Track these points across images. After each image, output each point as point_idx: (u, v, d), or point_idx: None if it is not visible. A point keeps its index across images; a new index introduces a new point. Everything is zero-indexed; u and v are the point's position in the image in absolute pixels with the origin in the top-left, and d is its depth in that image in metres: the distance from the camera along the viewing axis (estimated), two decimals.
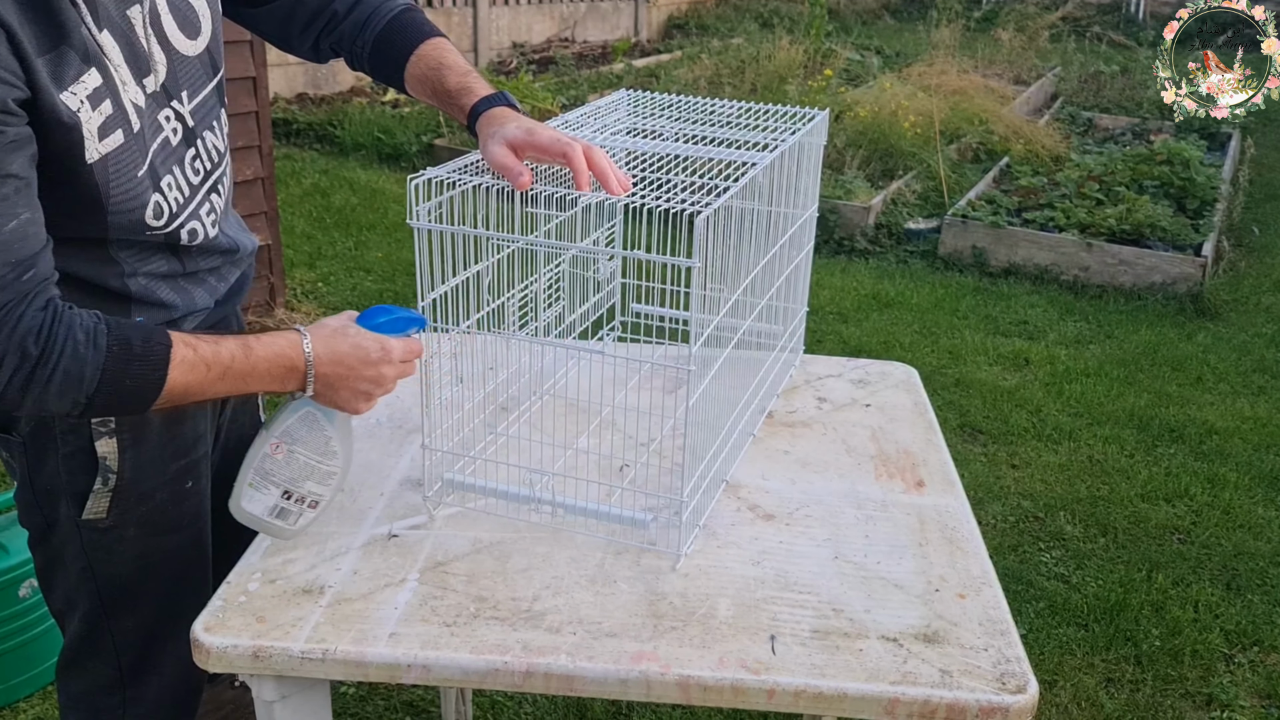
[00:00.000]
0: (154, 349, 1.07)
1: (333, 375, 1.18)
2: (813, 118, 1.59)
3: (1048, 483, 3.04)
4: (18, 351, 1.02)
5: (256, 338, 1.16)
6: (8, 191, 1.01)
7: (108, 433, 1.26)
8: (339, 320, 1.20)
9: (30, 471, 1.28)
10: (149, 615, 1.38)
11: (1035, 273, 4.72)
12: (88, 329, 1.05)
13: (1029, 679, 1.09)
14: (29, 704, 2.03)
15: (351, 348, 1.17)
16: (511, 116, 1.26)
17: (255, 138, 3.62)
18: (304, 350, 1.16)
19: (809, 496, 1.41)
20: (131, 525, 1.31)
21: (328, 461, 1.22)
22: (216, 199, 1.31)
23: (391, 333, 1.19)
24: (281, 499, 1.20)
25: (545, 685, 1.10)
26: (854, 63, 8.31)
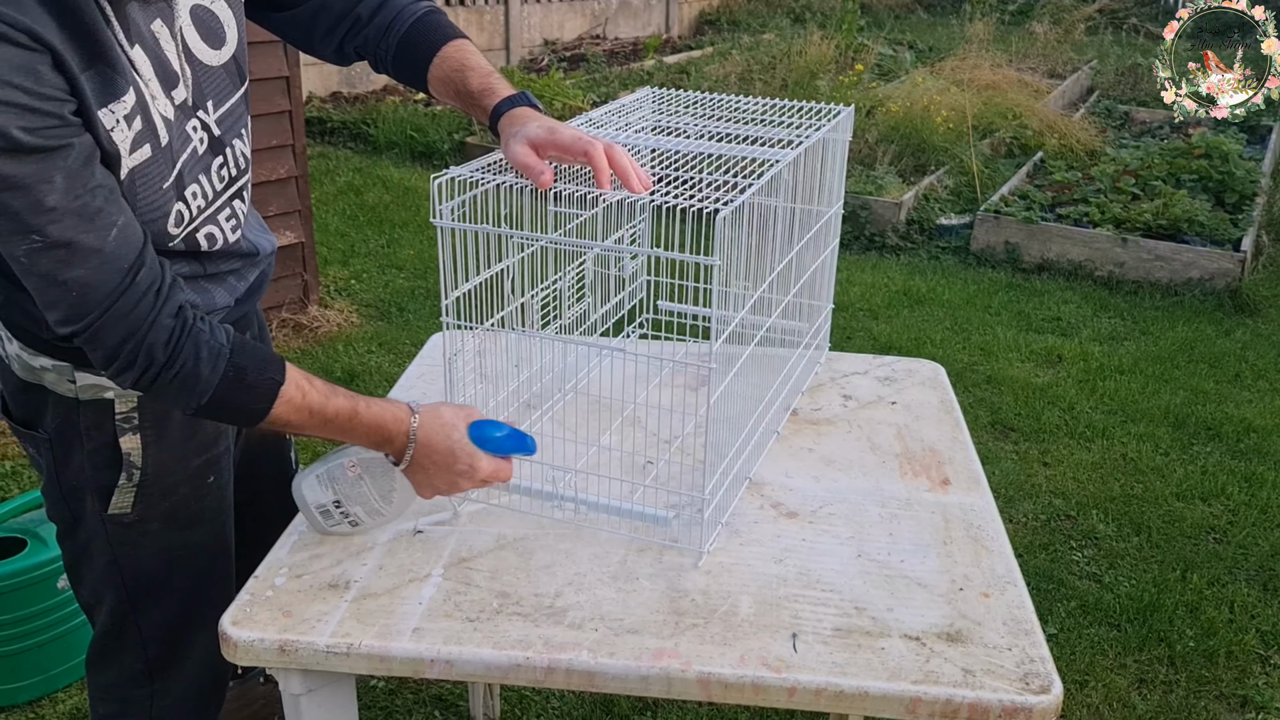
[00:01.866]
0: (265, 384, 1.15)
1: (419, 461, 1.24)
2: (837, 114, 1.58)
3: (1080, 481, 3.00)
4: (146, 356, 1.10)
5: (369, 402, 1.21)
6: (100, 202, 1.05)
7: (131, 429, 1.28)
8: (453, 415, 1.24)
9: (57, 467, 1.31)
10: (174, 608, 1.40)
11: (1069, 269, 4.67)
12: (212, 350, 1.13)
13: (1053, 679, 1.09)
14: (67, 694, 2.07)
15: (445, 451, 1.22)
16: (533, 116, 1.27)
17: (289, 137, 3.66)
18: (409, 431, 1.22)
19: (833, 494, 1.41)
20: (155, 520, 1.34)
21: (383, 504, 1.27)
22: (239, 205, 1.33)
23: (494, 450, 1.24)
24: (332, 505, 1.26)
25: (567, 681, 1.11)
26: (886, 57, 8.24)
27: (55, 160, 1.02)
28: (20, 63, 0.98)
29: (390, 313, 4.01)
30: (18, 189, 1.00)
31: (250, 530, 1.52)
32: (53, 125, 1.01)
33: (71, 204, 1.03)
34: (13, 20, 0.97)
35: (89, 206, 1.05)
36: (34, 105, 0.99)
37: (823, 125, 1.52)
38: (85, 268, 1.05)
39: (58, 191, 1.02)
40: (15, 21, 0.97)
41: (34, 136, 1.00)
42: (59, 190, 1.02)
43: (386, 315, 3.99)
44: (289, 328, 3.76)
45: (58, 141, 1.02)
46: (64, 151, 1.03)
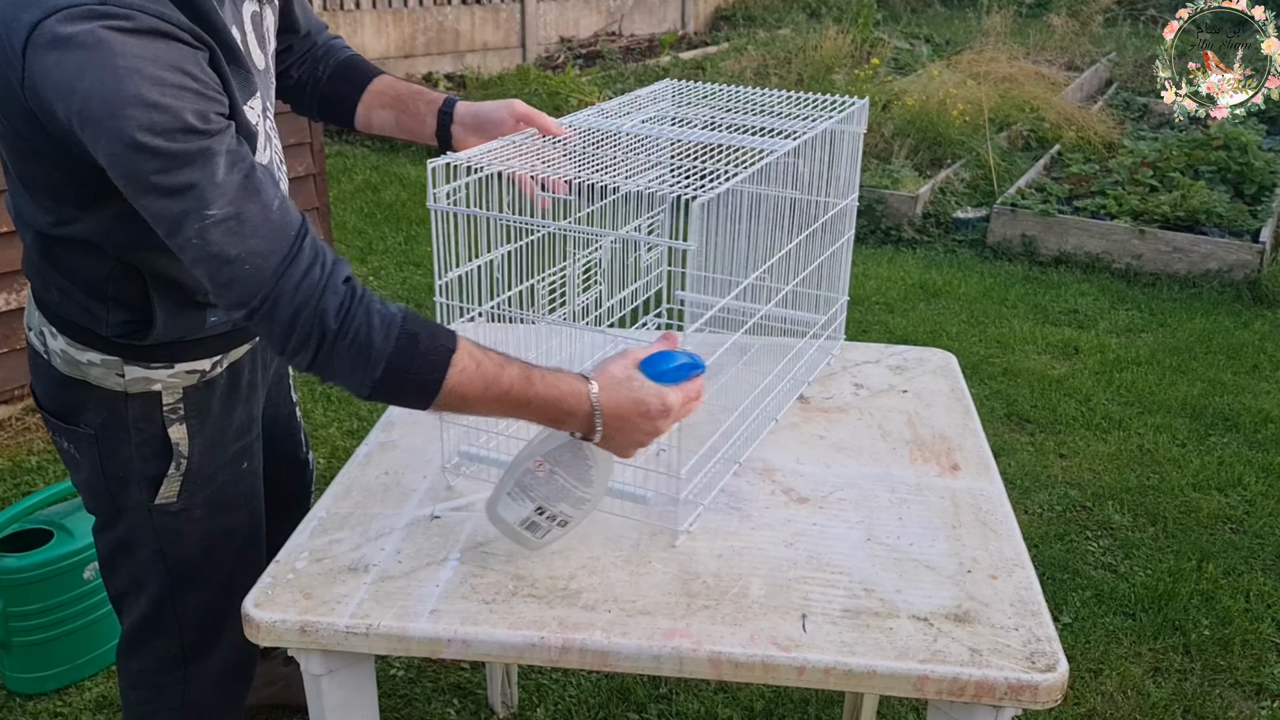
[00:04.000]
0: (439, 350, 1.10)
1: (612, 427, 1.16)
2: (848, 106, 1.60)
3: (1096, 472, 3.00)
4: (320, 325, 1.07)
5: (541, 373, 1.15)
6: (259, 177, 1.08)
7: (179, 419, 1.33)
8: (622, 368, 1.17)
9: (102, 460, 1.34)
10: (211, 593, 1.44)
11: (1086, 261, 4.66)
12: (384, 317, 1.09)
13: (1059, 658, 1.10)
14: (93, 682, 2.11)
15: (633, 402, 1.15)
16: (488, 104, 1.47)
17: (307, 135, 3.70)
18: (591, 402, 1.14)
19: (843, 480, 1.43)
20: (198, 507, 1.38)
21: (584, 489, 1.21)
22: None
23: (674, 381, 1.17)
24: (535, 513, 1.20)
25: (580, 661, 1.13)
26: (902, 51, 8.22)
27: (219, 140, 1.05)
28: (190, 56, 1.05)
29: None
30: (192, 165, 1.03)
31: (270, 513, 1.56)
32: (217, 111, 1.06)
33: (237, 179, 1.06)
34: (177, 20, 1.04)
35: (251, 181, 1.07)
36: (203, 92, 1.05)
37: (831, 116, 1.54)
38: (256, 238, 1.06)
39: (223, 168, 1.05)
40: (179, 22, 1.04)
41: (203, 121, 1.04)
42: (223, 166, 1.05)
43: None
44: None
45: (220, 126, 1.06)
46: (225, 133, 1.07)
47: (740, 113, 1.58)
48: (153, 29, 1.02)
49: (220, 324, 1.33)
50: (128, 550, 1.40)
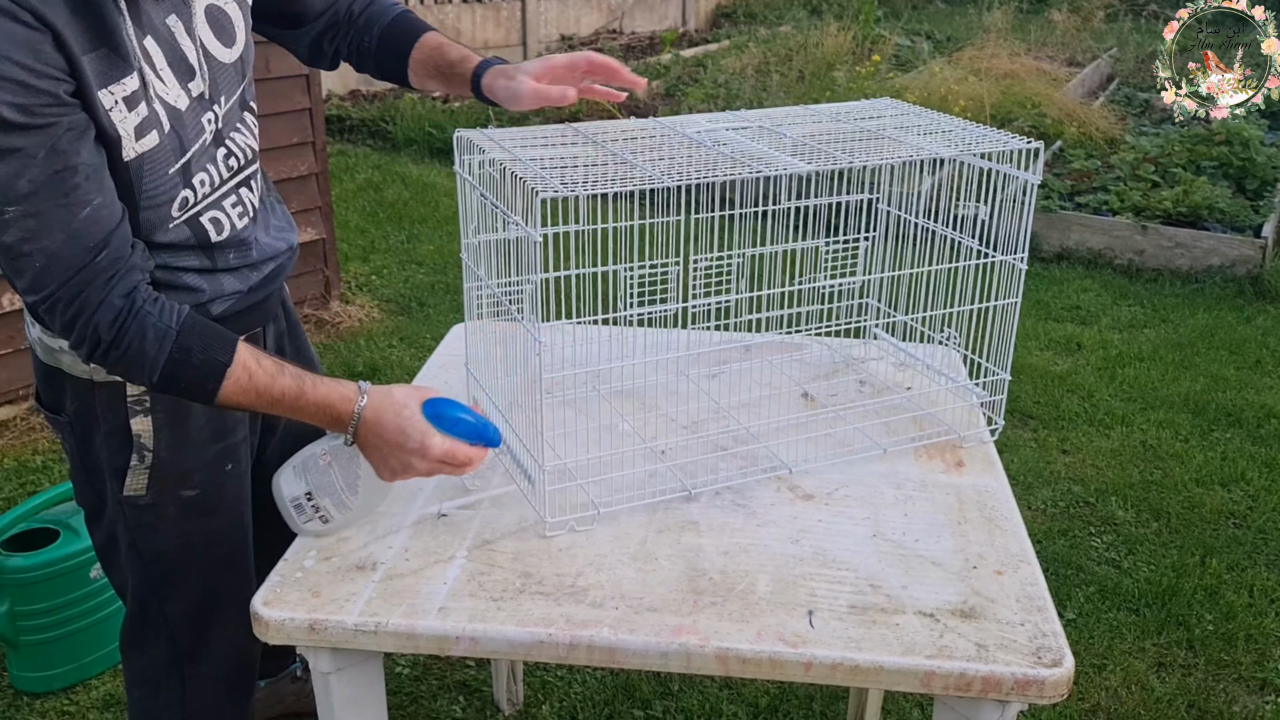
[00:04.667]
0: (211, 363, 1.18)
1: (368, 440, 1.23)
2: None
3: (1099, 468, 3.01)
4: (93, 335, 1.14)
5: (315, 381, 1.23)
6: (78, 180, 1.10)
7: (143, 411, 1.32)
8: (406, 395, 1.23)
9: (79, 449, 1.36)
10: (196, 596, 1.44)
11: (1088, 257, 4.66)
12: (159, 330, 1.16)
13: (1065, 653, 1.10)
14: (100, 680, 2.12)
15: (394, 429, 1.21)
16: (515, 63, 1.40)
17: (309, 134, 3.70)
18: (354, 410, 1.22)
19: (848, 477, 1.43)
20: (171, 504, 1.37)
21: (349, 495, 1.27)
22: (247, 194, 1.37)
23: (450, 432, 1.22)
24: (304, 497, 1.26)
25: (589, 657, 1.14)
26: (904, 48, 8.22)
27: (41, 136, 1.07)
28: (23, 39, 1.04)
29: (411, 308, 4.05)
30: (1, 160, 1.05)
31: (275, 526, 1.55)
32: (45, 103, 1.07)
33: (49, 179, 1.08)
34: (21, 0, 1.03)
35: (66, 183, 1.09)
36: (30, 82, 1.05)
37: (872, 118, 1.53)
38: (50, 240, 1.10)
39: (38, 166, 1.07)
40: (23, 1, 1.03)
41: (23, 115, 1.05)
42: (40, 165, 1.07)
43: (407, 310, 4.03)
44: (311, 323, 3.81)
45: (46, 120, 1.07)
46: (52, 129, 1.07)
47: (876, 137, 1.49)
48: None
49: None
50: (114, 544, 1.42)
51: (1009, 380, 1.55)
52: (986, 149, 1.42)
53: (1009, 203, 1.46)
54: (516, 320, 1.30)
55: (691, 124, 1.47)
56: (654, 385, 1.66)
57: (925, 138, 1.44)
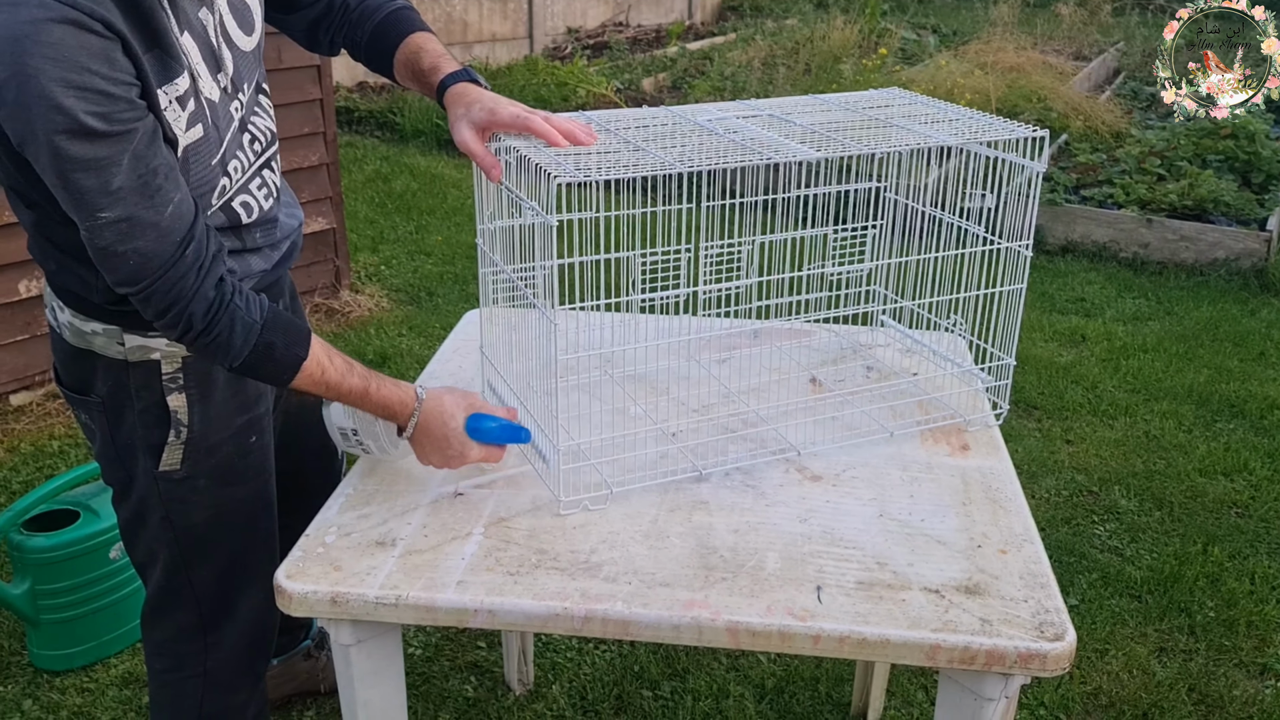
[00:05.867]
0: (291, 355, 1.28)
1: (419, 438, 1.39)
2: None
3: (1103, 458, 3.03)
4: (187, 323, 1.21)
5: (380, 382, 1.36)
6: (160, 181, 1.15)
7: (177, 388, 1.37)
8: (454, 406, 1.37)
9: (111, 429, 1.40)
10: (223, 564, 1.49)
11: (1093, 250, 4.68)
12: (246, 324, 1.24)
13: (1067, 628, 1.13)
14: (119, 659, 2.16)
15: (440, 437, 1.37)
16: (474, 95, 1.36)
17: (320, 125, 3.73)
18: (412, 416, 1.37)
19: (855, 459, 1.46)
20: (202, 476, 1.42)
21: (390, 446, 1.41)
22: (270, 175, 1.43)
23: (488, 440, 1.38)
24: (351, 431, 1.42)
25: (603, 630, 1.17)
26: (910, 42, 8.23)
27: (123, 143, 1.11)
28: (98, 49, 1.07)
29: (420, 297, 4.08)
30: (89, 170, 1.10)
31: (294, 500, 1.60)
32: (122, 110, 1.10)
33: (134, 183, 1.13)
34: (90, 10, 1.06)
35: (150, 185, 1.14)
36: (109, 90, 1.09)
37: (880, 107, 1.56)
38: (143, 240, 1.15)
39: (124, 172, 1.12)
40: (92, 11, 1.07)
41: (105, 123, 1.09)
42: (125, 170, 1.12)
43: (416, 300, 4.06)
44: (321, 312, 3.84)
45: (125, 126, 1.11)
46: (131, 134, 1.12)
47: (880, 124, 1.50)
48: (64, 18, 1.05)
49: None
50: (141, 520, 1.45)
51: (1014, 365, 1.57)
52: (993, 137, 1.45)
53: (1014, 192, 1.48)
54: (532, 305, 1.33)
55: (702, 112, 1.50)
56: (664, 370, 1.69)
57: (933, 126, 1.47)
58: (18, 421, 2.98)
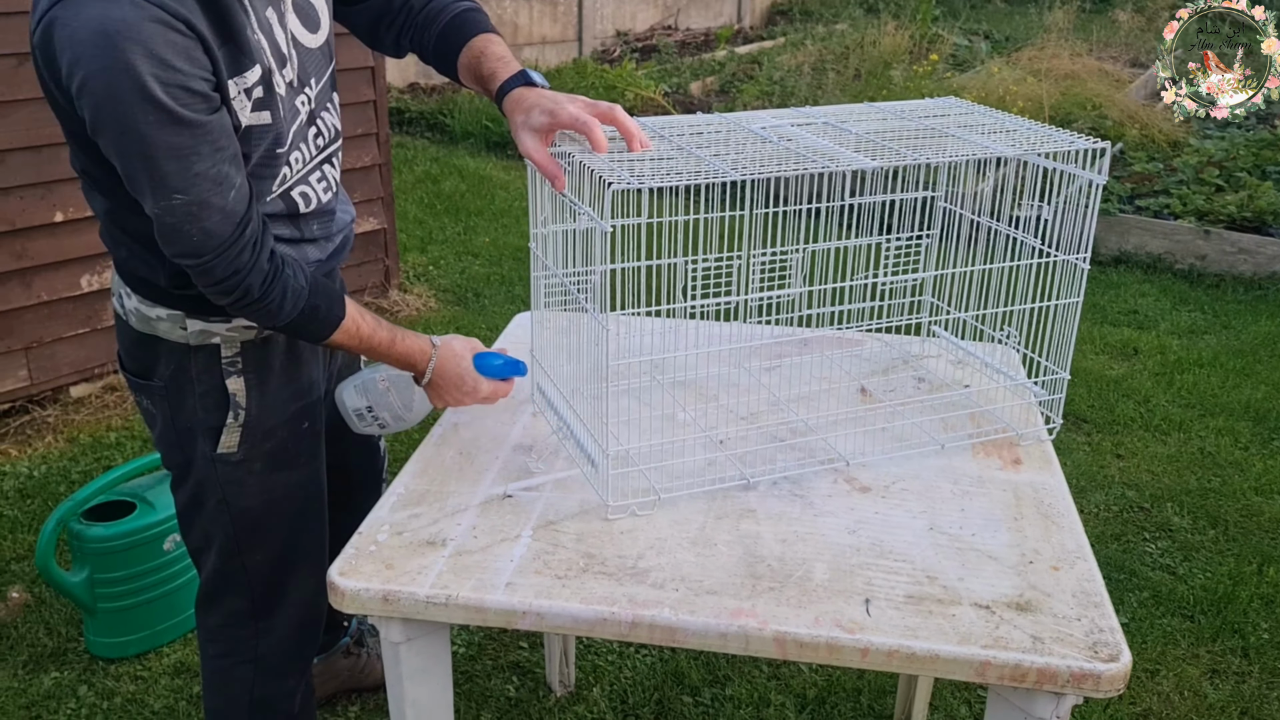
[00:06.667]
0: (332, 316, 1.40)
1: (437, 382, 1.51)
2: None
3: (1155, 473, 2.98)
4: (245, 289, 1.30)
5: (403, 334, 1.49)
6: (228, 168, 1.23)
7: (236, 372, 1.43)
8: (464, 348, 1.51)
9: (172, 412, 1.45)
10: (276, 548, 1.53)
11: (1148, 261, 4.60)
12: (295, 291, 1.34)
13: (1122, 649, 1.12)
14: (171, 649, 2.20)
15: (454, 376, 1.50)
16: (533, 99, 1.34)
17: (373, 126, 3.78)
18: (430, 362, 1.49)
19: (906, 471, 1.45)
20: (258, 460, 1.47)
21: (404, 412, 1.54)
22: (330, 170, 1.48)
23: (494, 375, 1.53)
24: (365, 409, 1.54)
25: (650, 636, 1.17)
26: (961, 48, 8.15)
27: (203, 133, 1.18)
28: (181, 47, 1.14)
29: (467, 298, 4.11)
30: (172, 157, 1.17)
31: (340, 493, 1.64)
32: (203, 103, 1.18)
33: (209, 170, 1.20)
34: (174, 11, 1.13)
35: (220, 172, 1.22)
36: (192, 86, 1.16)
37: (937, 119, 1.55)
38: (209, 220, 1.23)
39: (204, 160, 1.19)
40: (176, 12, 1.14)
41: (192, 112, 1.16)
42: (204, 159, 1.19)
43: (463, 301, 4.10)
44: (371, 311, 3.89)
45: (205, 118, 1.18)
46: (209, 125, 1.19)
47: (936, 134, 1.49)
48: (154, 18, 1.12)
49: None
50: (198, 503, 1.50)
51: (1068, 379, 1.55)
52: (1051, 149, 1.43)
53: (1070, 203, 1.46)
54: (583, 309, 1.34)
55: (756, 120, 1.50)
56: (713, 376, 1.69)
57: (989, 137, 1.46)
58: (77, 413, 3.05)
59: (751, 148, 1.36)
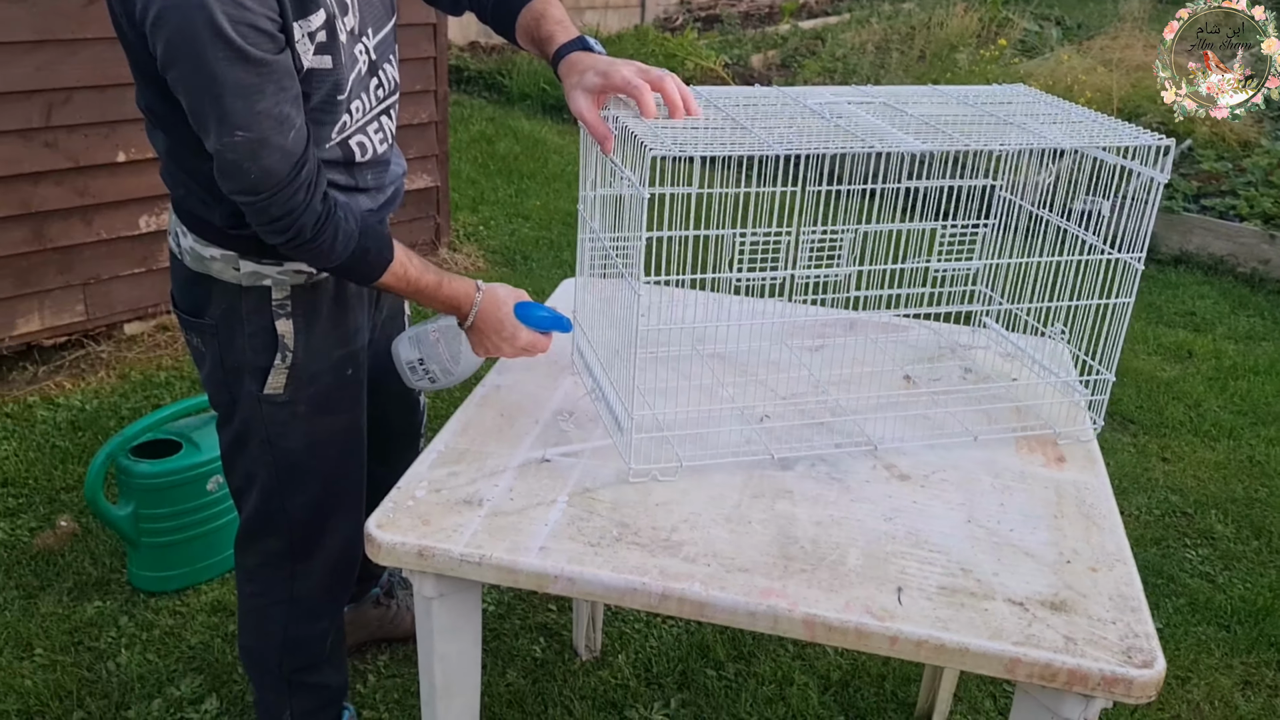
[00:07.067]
0: (382, 259, 1.42)
1: (478, 325, 1.54)
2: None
3: (1200, 479, 2.93)
4: (298, 229, 1.32)
5: (449, 277, 1.51)
6: (288, 109, 1.25)
7: (285, 315, 1.45)
8: (507, 295, 1.54)
9: (221, 351, 1.48)
10: (315, 492, 1.56)
11: (1209, 263, 4.49)
12: (347, 233, 1.36)
13: (1156, 655, 1.10)
14: (210, 587, 2.26)
15: (495, 321, 1.52)
16: (589, 62, 1.34)
17: (431, 82, 3.79)
18: (474, 303, 1.52)
19: (946, 461, 1.44)
20: (302, 403, 1.50)
21: (451, 364, 1.58)
22: (387, 121, 1.50)
23: (535, 327, 1.55)
24: (417, 361, 1.57)
25: (679, 609, 1.18)
26: (1031, 33, 7.96)
27: (269, 71, 1.21)
28: None
29: (515, 260, 4.13)
30: (238, 95, 1.20)
31: (377, 443, 1.67)
32: (269, 42, 1.20)
33: (273, 109, 1.22)
34: None
35: (282, 111, 1.24)
36: (259, 25, 1.18)
37: None
38: (269, 159, 1.24)
39: (268, 99, 1.21)
40: None
41: (259, 50, 1.19)
42: (268, 97, 1.21)
43: (511, 262, 4.11)
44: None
45: (272, 56, 1.21)
46: (275, 65, 1.21)
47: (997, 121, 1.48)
48: None
49: None
50: (243, 442, 1.53)
51: (1113, 381, 1.52)
52: (1114, 143, 1.39)
53: (1131, 200, 1.42)
54: (623, 275, 1.34)
55: (813, 95, 1.48)
56: (754, 352, 1.68)
57: (1050, 126, 1.42)
58: (130, 350, 3.11)
59: (802, 122, 1.34)
